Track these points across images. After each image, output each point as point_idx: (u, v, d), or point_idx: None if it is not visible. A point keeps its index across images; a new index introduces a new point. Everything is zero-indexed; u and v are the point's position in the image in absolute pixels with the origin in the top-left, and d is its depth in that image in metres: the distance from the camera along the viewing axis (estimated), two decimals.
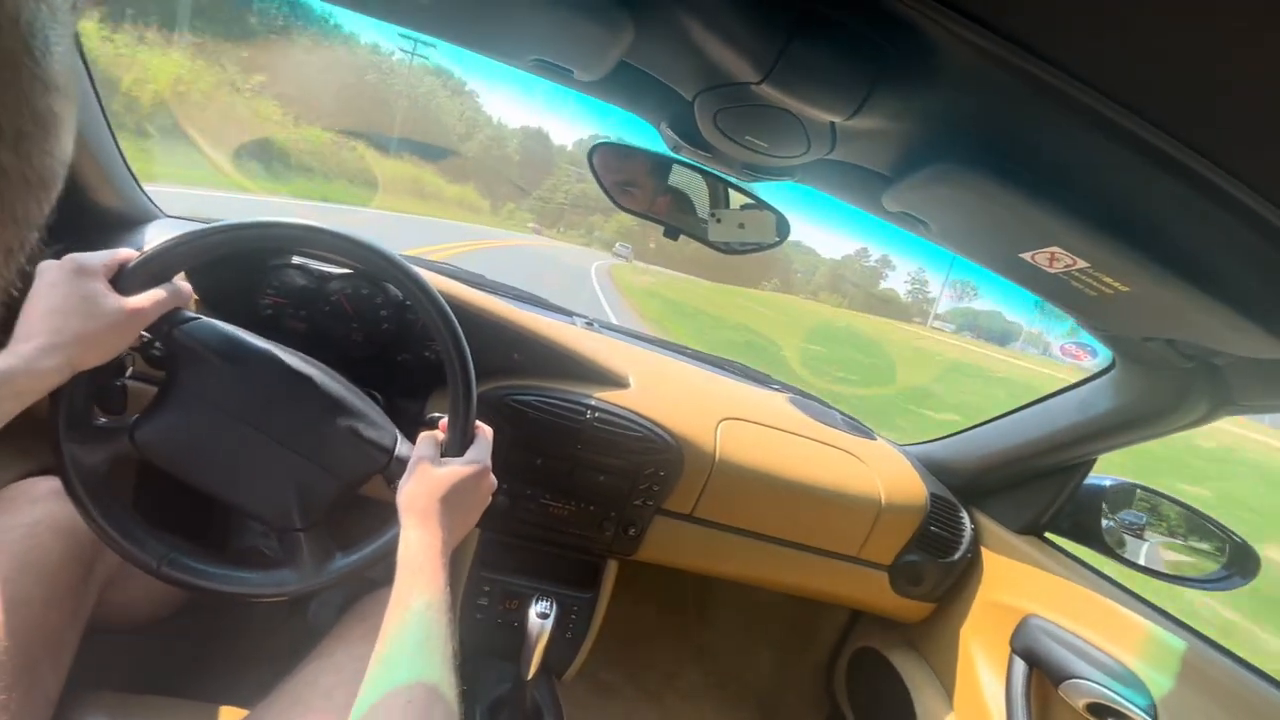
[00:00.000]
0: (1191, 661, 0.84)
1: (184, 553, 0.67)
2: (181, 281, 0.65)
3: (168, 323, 0.66)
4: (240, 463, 0.67)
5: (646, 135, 0.75)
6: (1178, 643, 0.86)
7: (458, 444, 0.70)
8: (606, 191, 0.79)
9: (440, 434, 0.71)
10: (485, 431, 0.73)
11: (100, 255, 0.60)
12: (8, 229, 0.18)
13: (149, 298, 0.61)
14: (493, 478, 0.69)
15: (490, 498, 0.69)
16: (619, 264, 33.62)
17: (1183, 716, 0.82)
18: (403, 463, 0.69)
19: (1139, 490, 1.09)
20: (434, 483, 0.64)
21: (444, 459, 0.67)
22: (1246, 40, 0.33)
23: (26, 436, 0.83)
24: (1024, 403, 1.13)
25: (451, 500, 0.64)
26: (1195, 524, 1.04)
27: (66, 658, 0.65)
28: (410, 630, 0.53)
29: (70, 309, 0.56)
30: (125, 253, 0.63)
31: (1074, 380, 1.04)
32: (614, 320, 1.61)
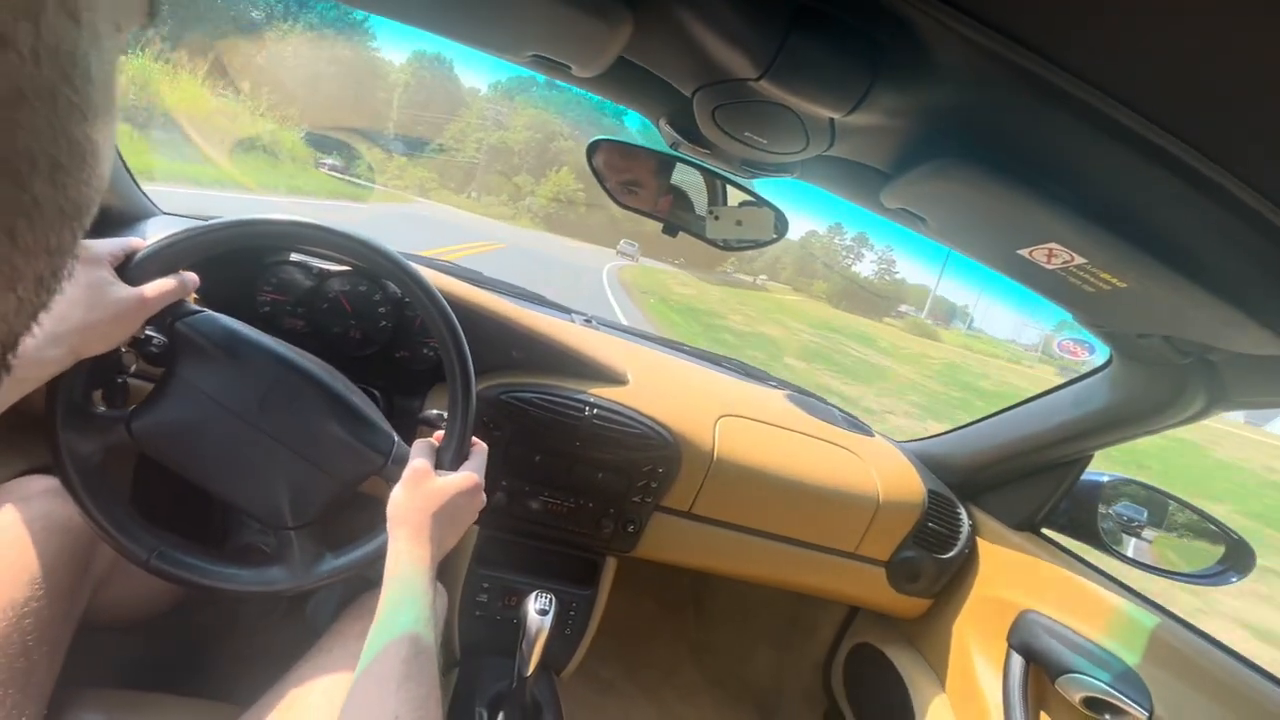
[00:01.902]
0: (1188, 656, 0.85)
1: (175, 547, 0.67)
2: (187, 274, 0.65)
3: (171, 314, 0.66)
4: (235, 458, 0.67)
5: (645, 131, 0.75)
6: (1174, 638, 0.87)
7: (454, 456, 0.70)
8: (606, 189, 0.79)
9: (435, 442, 0.71)
10: (481, 447, 0.73)
11: (107, 243, 0.60)
12: (40, 259, 0.18)
13: (155, 288, 0.61)
14: (484, 495, 0.70)
15: (479, 514, 0.70)
16: (630, 267, 27.56)
17: (1179, 711, 0.83)
18: (399, 466, 0.68)
19: (1136, 486, 1.10)
20: (427, 496, 0.64)
21: (439, 471, 0.68)
22: (1243, 35, 0.33)
23: (20, 434, 0.83)
24: (1021, 399, 1.14)
25: (442, 516, 0.64)
26: (1191, 519, 1.04)
27: (60, 654, 0.65)
28: (398, 647, 0.54)
29: (75, 297, 0.56)
30: (134, 241, 0.63)
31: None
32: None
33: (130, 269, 0.61)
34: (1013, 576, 1.10)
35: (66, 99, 0.17)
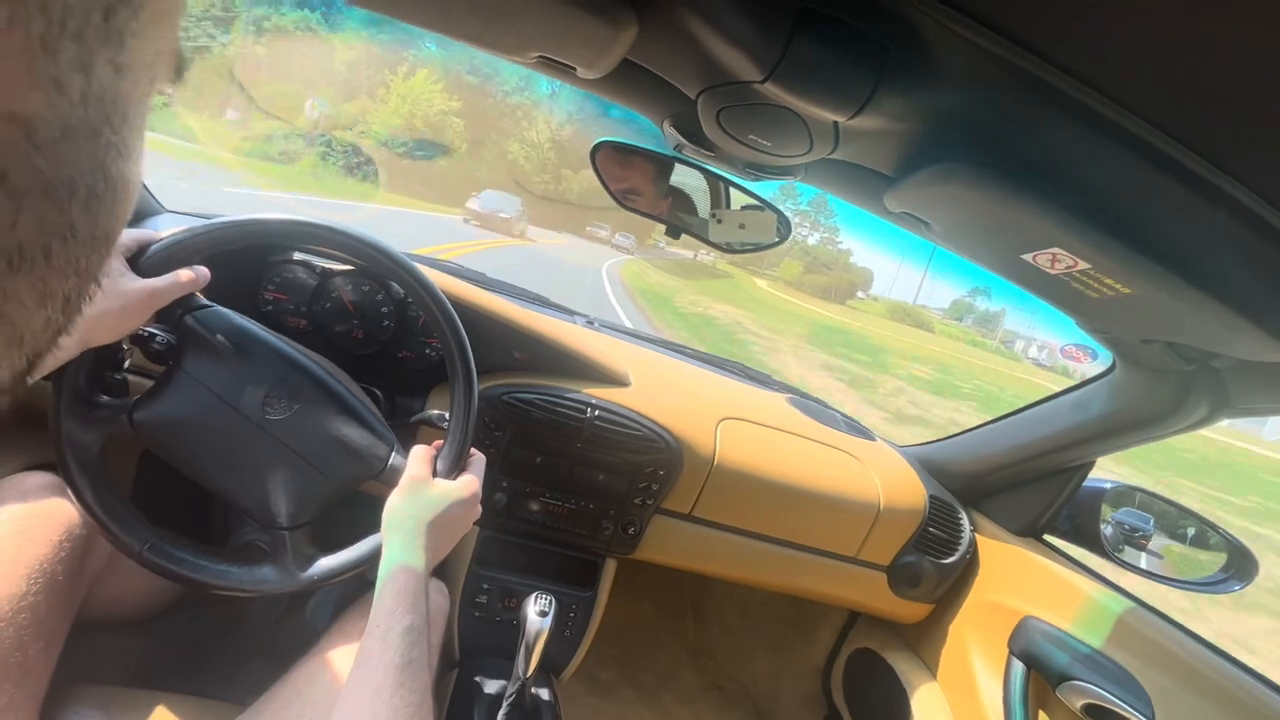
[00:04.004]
0: (1189, 664, 0.84)
1: (169, 541, 0.67)
2: (199, 268, 0.65)
3: (181, 308, 0.66)
4: (234, 454, 0.67)
5: (649, 133, 0.74)
6: (1175, 645, 0.87)
7: (453, 462, 0.70)
8: (609, 190, 0.79)
9: (434, 449, 0.71)
10: (479, 456, 0.73)
11: (123, 234, 0.60)
12: (70, 279, 0.20)
13: (166, 281, 0.62)
14: (480, 506, 0.70)
15: (470, 526, 0.70)
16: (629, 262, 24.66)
17: (1180, 718, 0.83)
18: (397, 471, 0.68)
19: (1138, 492, 1.09)
20: (424, 504, 0.65)
21: (436, 480, 0.68)
22: (1250, 42, 0.33)
23: (23, 430, 0.83)
24: (1024, 405, 1.14)
25: (438, 524, 0.65)
26: (1194, 527, 1.04)
27: (56, 650, 0.65)
28: (391, 654, 0.54)
29: None
30: (149, 234, 0.63)
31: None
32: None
33: (143, 261, 0.61)
34: (1014, 582, 1.10)
35: (107, 138, 0.19)
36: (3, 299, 0.18)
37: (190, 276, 0.64)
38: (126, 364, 0.71)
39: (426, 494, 0.65)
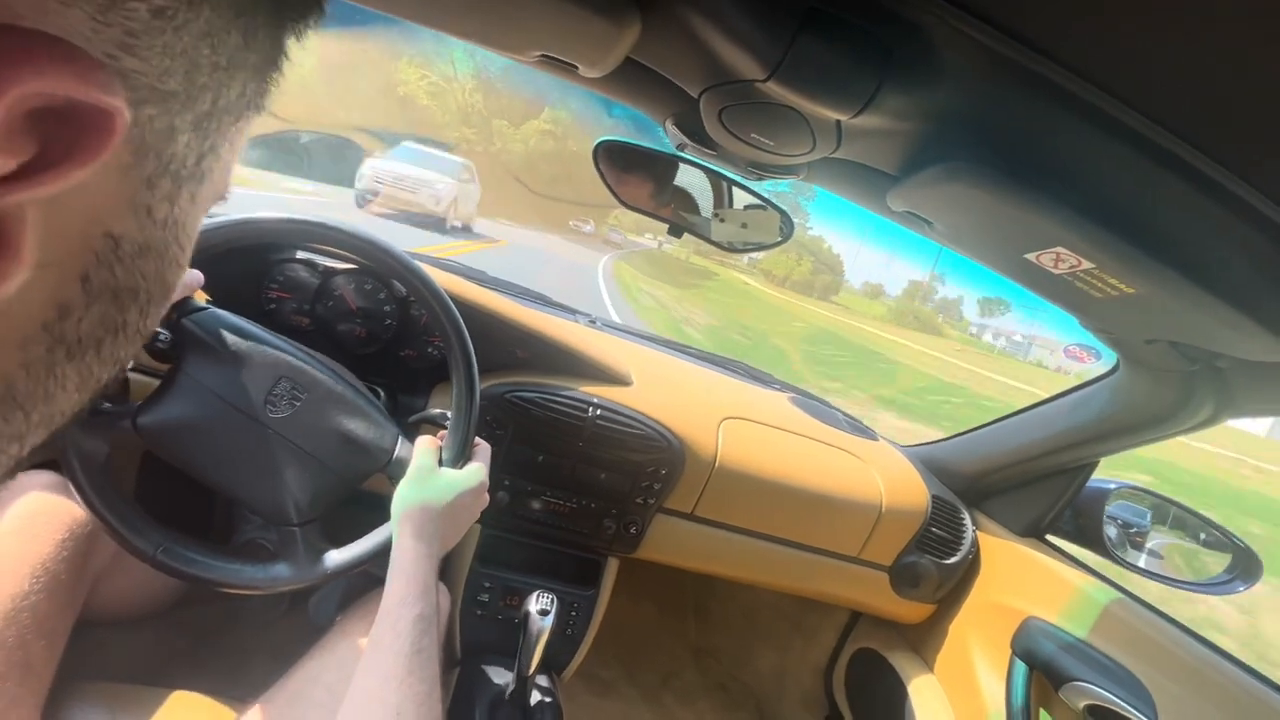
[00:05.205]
0: (1193, 666, 0.84)
1: (180, 543, 0.67)
2: (192, 270, 0.65)
3: (178, 311, 0.66)
4: (240, 454, 0.67)
5: (651, 132, 0.74)
6: (1179, 646, 0.86)
7: (458, 453, 0.70)
8: (612, 189, 0.79)
9: (439, 441, 0.71)
10: (484, 446, 0.74)
11: None
12: (107, 367, 0.23)
13: None
14: (488, 495, 0.71)
15: (479, 515, 0.71)
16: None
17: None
18: (403, 464, 0.69)
19: (1141, 493, 1.09)
20: (433, 493, 0.65)
21: (443, 469, 0.68)
22: (1258, 41, 0.33)
23: None
24: (1027, 405, 1.13)
25: (447, 513, 0.65)
26: (1197, 527, 1.03)
27: (59, 647, 0.65)
28: (402, 642, 0.54)
29: None
30: None
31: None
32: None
33: None
34: (1017, 582, 1.09)
35: (174, 253, 0.23)
36: (54, 383, 0.20)
37: (183, 280, 0.64)
38: (130, 363, 0.71)
39: (435, 483, 0.66)
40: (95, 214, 0.19)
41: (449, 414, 0.73)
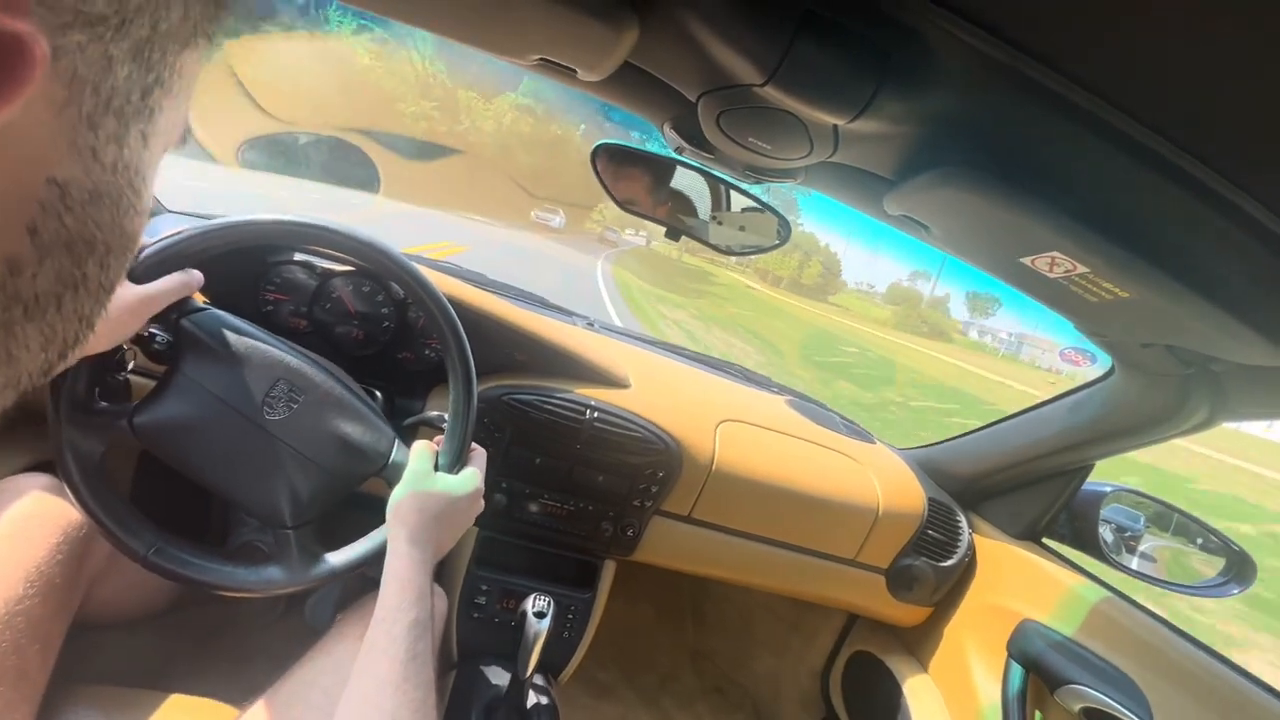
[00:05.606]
0: (1188, 668, 0.84)
1: (173, 544, 0.67)
2: (192, 272, 0.65)
3: (177, 311, 0.66)
4: (237, 456, 0.67)
5: (649, 136, 0.73)
6: (1174, 650, 0.87)
7: (454, 458, 0.70)
8: (610, 192, 0.80)
9: (436, 445, 0.71)
10: (480, 451, 0.74)
11: None
12: (73, 325, 0.22)
13: (159, 286, 0.61)
14: (483, 500, 0.70)
15: (474, 520, 0.71)
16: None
17: None
18: (399, 468, 0.69)
19: (1137, 496, 1.09)
20: (427, 498, 0.65)
21: (439, 474, 0.68)
22: (1252, 48, 0.33)
23: (17, 431, 0.83)
24: (1022, 408, 1.14)
25: (442, 518, 0.65)
26: (1192, 530, 1.04)
27: (54, 651, 0.65)
28: (397, 648, 0.54)
29: None
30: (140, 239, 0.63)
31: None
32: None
33: (135, 267, 0.61)
34: (1013, 585, 1.10)
35: (128, 200, 0.22)
36: (14, 344, 0.19)
37: (183, 280, 0.64)
38: (130, 365, 0.71)
39: (430, 487, 0.66)
40: (32, 158, 0.17)
41: (446, 416, 0.73)
